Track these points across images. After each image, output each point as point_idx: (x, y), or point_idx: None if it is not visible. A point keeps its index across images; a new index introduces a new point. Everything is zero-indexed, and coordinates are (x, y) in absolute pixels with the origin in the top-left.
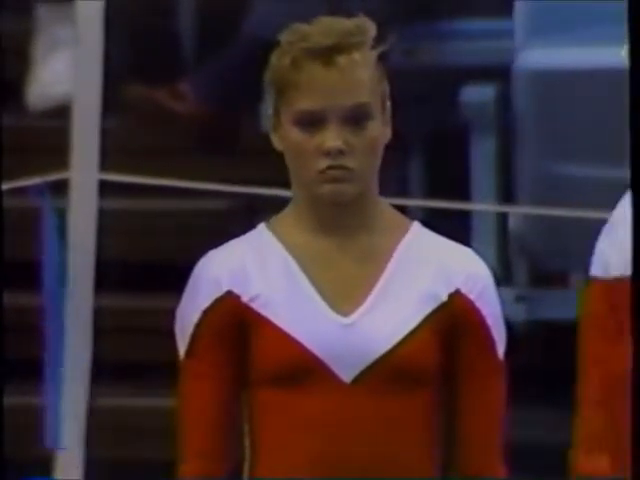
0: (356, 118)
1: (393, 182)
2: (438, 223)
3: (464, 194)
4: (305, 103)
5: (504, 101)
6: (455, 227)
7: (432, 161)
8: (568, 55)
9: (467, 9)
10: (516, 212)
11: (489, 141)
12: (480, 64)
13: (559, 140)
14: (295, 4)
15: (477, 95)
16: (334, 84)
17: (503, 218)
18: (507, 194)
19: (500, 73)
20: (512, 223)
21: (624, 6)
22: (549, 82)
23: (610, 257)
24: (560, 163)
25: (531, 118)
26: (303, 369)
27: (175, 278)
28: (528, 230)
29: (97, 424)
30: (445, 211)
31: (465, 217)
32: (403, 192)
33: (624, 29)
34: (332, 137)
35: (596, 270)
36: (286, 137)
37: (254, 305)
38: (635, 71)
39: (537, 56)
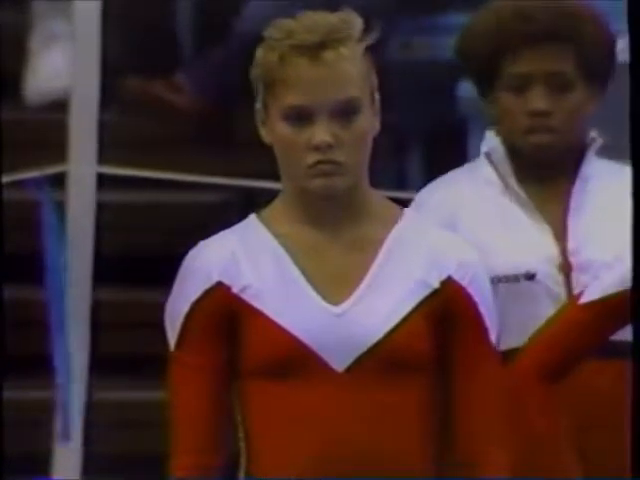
0: (345, 112)
1: (391, 176)
2: None
3: None
4: (293, 98)
5: None
6: None
7: (429, 155)
8: None
9: (464, 3)
10: None
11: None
12: None
13: None
14: (292, 1)
15: (474, 89)
16: (321, 79)
17: None
18: None
19: None
20: None
21: (623, 4)
22: None
23: None
24: None
25: None
26: (295, 360)
27: (173, 271)
28: None
29: (96, 418)
30: None
31: None
32: (400, 186)
33: (622, 26)
34: (321, 132)
35: None
36: (275, 132)
37: (245, 296)
38: (635, 70)
39: None
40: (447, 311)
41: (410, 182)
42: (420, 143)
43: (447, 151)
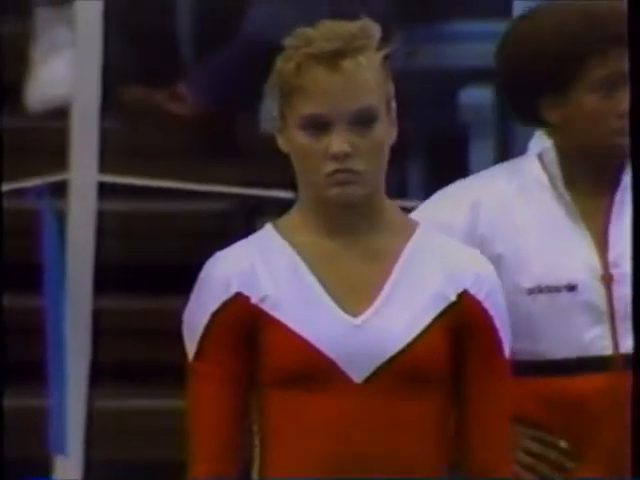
0: (362, 121)
1: (392, 184)
2: None
3: None
4: (310, 107)
5: (503, 103)
6: None
7: (431, 163)
8: None
9: (467, 11)
10: None
11: (488, 143)
12: (479, 66)
13: None
14: (295, 6)
15: (476, 97)
16: (339, 88)
17: None
18: None
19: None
20: None
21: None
22: None
23: None
24: None
25: None
26: (314, 370)
27: (174, 280)
28: None
29: (97, 426)
30: None
31: None
32: (402, 193)
33: None
34: (338, 141)
35: None
36: (292, 140)
37: (264, 306)
38: (635, 71)
39: None
40: (463, 324)
41: (412, 190)
42: (422, 150)
43: (449, 158)
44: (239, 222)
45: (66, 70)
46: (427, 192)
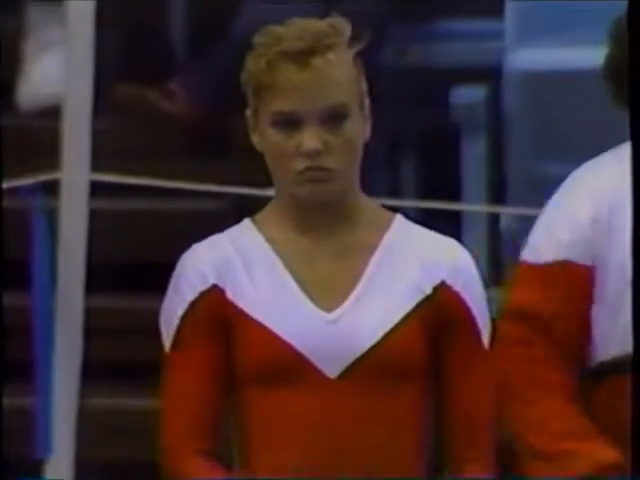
0: (333, 118)
1: (384, 183)
2: (429, 224)
3: (455, 195)
4: (281, 105)
5: (494, 102)
6: (446, 228)
7: (423, 162)
8: (559, 56)
9: (458, 10)
10: (507, 212)
11: (479, 142)
12: (470, 65)
13: (549, 141)
14: (287, 4)
15: (467, 96)
16: (309, 86)
17: (494, 219)
18: (498, 195)
19: (490, 74)
20: (503, 224)
21: (616, 7)
22: (539, 83)
23: (540, 241)
24: (550, 164)
25: (521, 119)
26: (288, 366)
27: (166, 279)
28: (519, 230)
29: (88, 425)
30: (436, 212)
31: (456, 218)
32: (394, 193)
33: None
34: (309, 138)
35: (526, 255)
36: (264, 138)
37: (238, 302)
38: (635, 71)
39: (528, 57)
40: (441, 316)
41: (404, 189)
42: (414, 149)
43: (441, 157)
44: (232, 221)
45: (58, 68)
46: (419, 191)
